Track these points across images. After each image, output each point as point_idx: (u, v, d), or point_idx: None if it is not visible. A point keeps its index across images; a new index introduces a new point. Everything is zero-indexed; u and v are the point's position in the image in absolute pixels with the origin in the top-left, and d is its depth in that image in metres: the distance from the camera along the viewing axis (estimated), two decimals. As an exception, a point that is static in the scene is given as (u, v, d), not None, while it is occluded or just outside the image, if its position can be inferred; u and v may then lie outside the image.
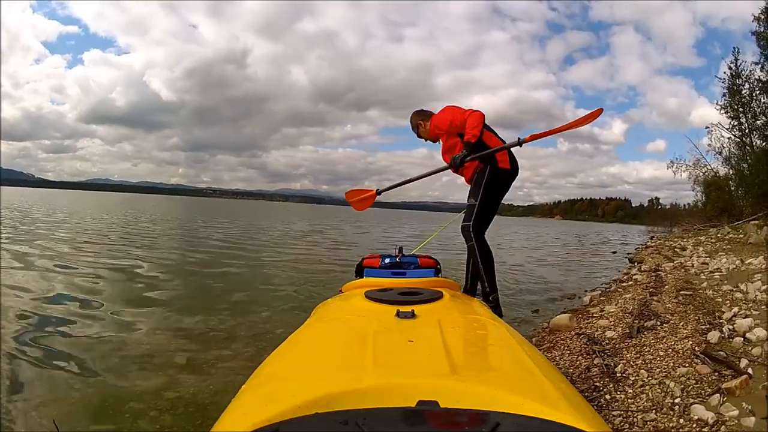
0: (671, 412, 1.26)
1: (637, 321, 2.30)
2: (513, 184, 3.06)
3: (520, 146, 2.61)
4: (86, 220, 10.67)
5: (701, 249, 6.36)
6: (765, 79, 13.97)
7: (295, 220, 18.20)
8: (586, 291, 4.12)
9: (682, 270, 4.21)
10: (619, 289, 3.64)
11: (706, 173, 17.29)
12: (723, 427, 1.15)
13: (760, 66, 14.35)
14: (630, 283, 4.03)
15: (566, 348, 2.03)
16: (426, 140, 3.24)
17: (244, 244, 6.88)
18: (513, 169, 2.99)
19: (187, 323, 2.46)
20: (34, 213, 12.36)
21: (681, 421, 1.21)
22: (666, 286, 3.35)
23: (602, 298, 3.35)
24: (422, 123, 3.20)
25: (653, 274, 4.25)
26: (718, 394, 1.31)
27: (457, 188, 3.52)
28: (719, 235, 8.82)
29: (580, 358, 1.85)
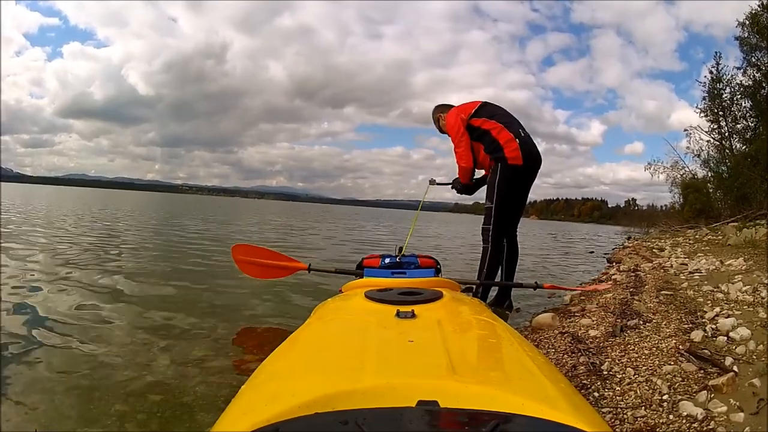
0: (660, 409, 1.32)
1: (619, 320, 2.38)
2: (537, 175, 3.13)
3: (535, 289, 2.91)
4: (62, 218, 10.32)
5: (680, 250, 6.64)
6: (747, 84, 14.65)
7: (271, 219, 17.97)
8: (565, 290, 4.23)
9: (662, 270, 4.38)
10: (599, 289, 3.74)
11: (684, 175, 18.08)
12: (713, 422, 1.22)
13: (742, 71, 15.05)
14: (609, 282, 4.15)
15: (551, 347, 2.08)
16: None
17: (222, 241, 6.82)
18: (527, 164, 3.00)
19: (169, 322, 2.43)
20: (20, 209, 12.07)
21: (671, 417, 1.27)
22: (646, 286, 3.48)
23: (582, 298, 3.45)
24: (441, 115, 3.24)
25: (632, 274, 4.40)
26: (705, 391, 1.38)
27: (430, 188, 3.61)
28: (697, 236, 9.22)
29: (565, 356, 1.91)
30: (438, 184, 3.42)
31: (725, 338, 1.85)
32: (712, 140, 16.03)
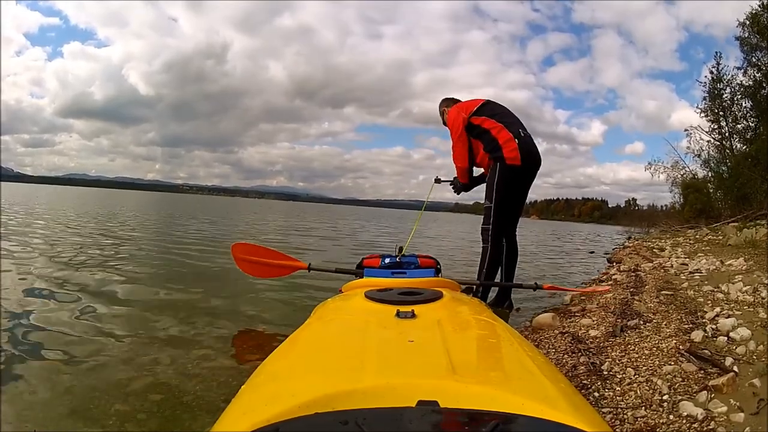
0: (660, 409, 1.32)
1: (619, 320, 2.38)
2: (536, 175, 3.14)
3: (534, 290, 2.93)
4: (62, 218, 10.31)
5: (680, 250, 6.64)
6: (748, 84, 14.63)
7: (272, 219, 17.89)
8: (566, 290, 4.22)
9: (662, 270, 4.37)
10: (599, 291, 3.74)
11: (685, 175, 18.07)
12: (713, 422, 1.22)
13: (743, 71, 15.03)
14: (610, 282, 4.15)
15: (551, 347, 2.08)
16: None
17: (221, 242, 6.83)
18: (526, 165, 3.00)
19: (169, 323, 2.43)
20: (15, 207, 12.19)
21: (671, 417, 1.27)
22: (646, 286, 3.48)
23: (583, 298, 3.45)
24: (446, 109, 3.28)
25: (632, 274, 4.39)
26: (705, 391, 1.38)
27: (434, 187, 3.63)
28: (697, 236, 9.21)
29: (565, 356, 1.91)
30: (443, 182, 3.44)
31: (725, 338, 1.85)
32: (712, 140, 16.03)
